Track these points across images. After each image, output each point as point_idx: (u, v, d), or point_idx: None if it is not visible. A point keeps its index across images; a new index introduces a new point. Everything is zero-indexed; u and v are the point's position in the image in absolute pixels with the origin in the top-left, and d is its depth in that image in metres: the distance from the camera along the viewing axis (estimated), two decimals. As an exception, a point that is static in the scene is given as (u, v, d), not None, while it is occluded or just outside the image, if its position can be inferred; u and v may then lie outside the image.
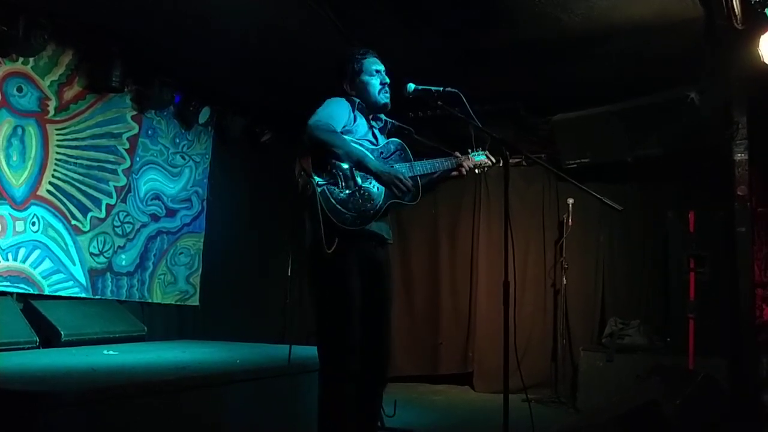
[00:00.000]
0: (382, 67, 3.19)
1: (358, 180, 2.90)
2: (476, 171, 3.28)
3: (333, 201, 2.79)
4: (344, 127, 3.00)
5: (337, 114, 2.97)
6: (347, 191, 2.86)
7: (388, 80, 3.16)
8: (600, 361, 5.32)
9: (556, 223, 6.34)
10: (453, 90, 2.99)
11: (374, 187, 2.94)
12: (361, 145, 3.01)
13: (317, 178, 2.80)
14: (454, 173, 3.23)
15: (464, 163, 3.20)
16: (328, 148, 2.83)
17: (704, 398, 3.48)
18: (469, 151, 3.25)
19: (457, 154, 3.23)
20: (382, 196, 2.96)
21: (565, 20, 4.50)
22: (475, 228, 6.66)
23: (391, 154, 3.12)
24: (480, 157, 3.26)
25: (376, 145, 3.11)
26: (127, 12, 4.65)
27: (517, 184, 6.41)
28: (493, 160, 3.28)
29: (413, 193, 3.07)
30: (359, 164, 2.87)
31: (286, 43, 5.02)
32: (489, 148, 3.31)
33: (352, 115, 3.06)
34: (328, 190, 2.80)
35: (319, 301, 2.95)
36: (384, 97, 3.13)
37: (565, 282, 5.99)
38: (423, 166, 3.12)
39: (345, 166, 2.89)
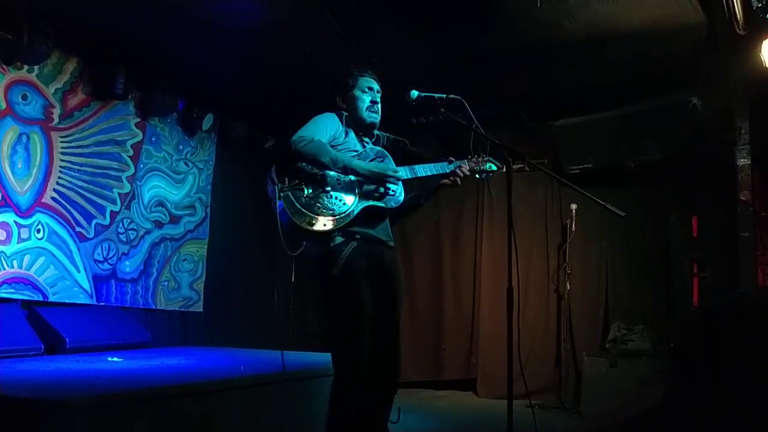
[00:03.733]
0: (376, 86, 3.23)
1: (327, 186, 2.93)
2: (477, 176, 3.23)
3: (297, 205, 2.84)
4: (333, 140, 3.04)
5: (321, 127, 3.02)
6: (311, 195, 2.90)
7: (378, 100, 3.20)
8: (604, 367, 5.32)
9: (559, 228, 6.33)
10: (456, 97, 3.01)
11: (344, 190, 2.97)
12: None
13: (280, 184, 2.86)
14: (447, 181, 3.16)
15: (458, 171, 3.13)
16: (312, 158, 2.88)
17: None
18: (469, 157, 3.21)
19: (452, 159, 3.19)
20: (356, 198, 2.98)
21: (567, 26, 4.51)
22: (478, 233, 6.66)
23: (370, 161, 3.13)
24: (490, 167, 3.22)
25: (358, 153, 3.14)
26: (130, 19, 4.68)
27: (520, 189, 6.40)
28: (498, 165, 3.23)
29: (395, 198, 3.09)
30: (346, 168, 2.92)
31: (289, 49, 5.04)
32: (490, 153, 3.31)
33: (342, 128, 3.11)
34: (293, 195, 2.85)
35: (330, 311, 2.98)
36: (370, 116, 3.17)
37: (568, 287, 5.98)
38: (406, 172, 3.10)
39: (310, 170, 2.93)
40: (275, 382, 3.91)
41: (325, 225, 2.87)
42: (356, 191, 3.00)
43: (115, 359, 4.42)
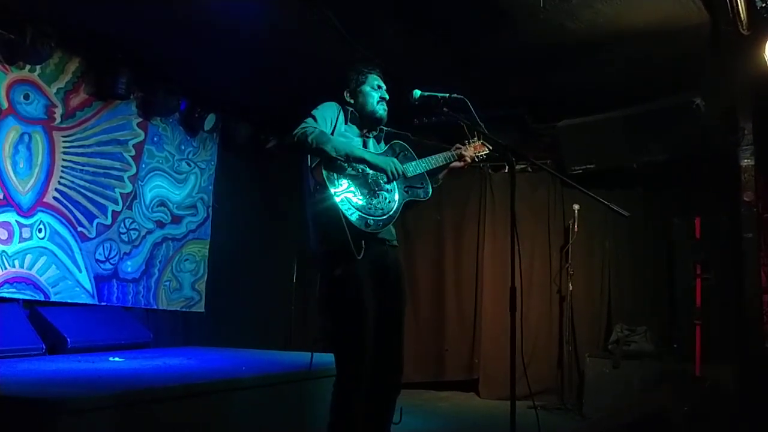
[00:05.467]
0: (384, 85, 3.26)
1: (372, 185, 2.94)
2: (475, 159, 3.34)
3: (353, 208, 2.83)
4: (333, 129, 3.05)
5: (323, 115, 3.04)
6: (364, 196, 2.90)
7: (387, 97, 3.22)
8: (606, 368, 5.31)
9: (561, 229, 6.33)
10: (459, 96, 3.01)
11: (387, 188, 3.00)
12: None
13: (332, 188, 2.82)
14: (458, 164, 3.29)
15: (465, 153, 3.28)
16: (315, 147, 2.87)
17: (711, 405, 3.46)
18: (466, 143, 3.32)
19: (458, 145, 3.31)
20: (397, 195, 3.01)
21: (570, 27, 4.50)
22: (481, 234, 6.65)
23: (396, 156, 3.16)
24: (482, 153, 3.33)
25: (375, 152, 3.14)
26: (132, 20, 4.67)
27: (523, 190, 6.40)
28: (490, 147, 3.35)
29: (425, 189, 3.15)
30: (348, 158, 2.92)
31: (291, 50, 5.04)
32: (495, 153, 3.36)
33: (341, 118, 3.12)
34: (346, 198, 2.84)
35: (332, 310, 2.97)
36: (381, 109, 3.19)
37: (570, 288, 5.97)
38: (428, 163, 3.19)
39: (357, 173, 2.93)
40: (276, 382, 3.91)
41: (379, 224, 2.90)
42: (397, 187, 3.04)
43: (117, 359, 4.42)
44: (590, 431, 3.58)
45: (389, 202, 2.97)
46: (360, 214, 2.85)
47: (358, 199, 2.88)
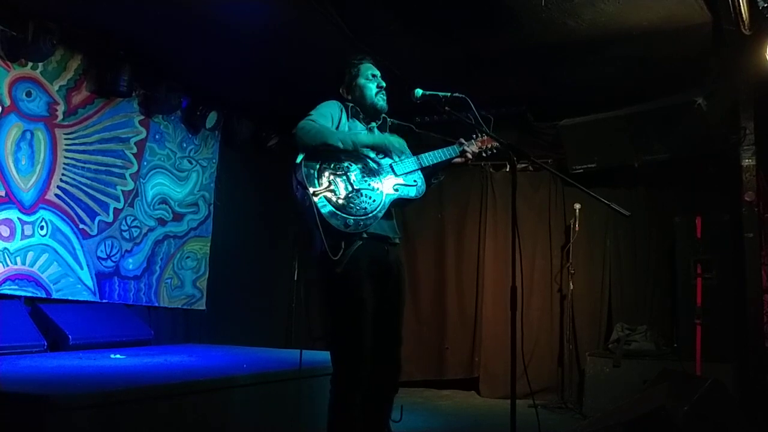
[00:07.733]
0: (378, 72, 3.23)
1: (355, 183, 2.92)
2: (483, 154, 3.28)
3: (332, 207, 2.81)
4: (338, 126, 3.04)
5: (324, 113, 3.03)
6: (344, 195, 2.88)
7: (384, 84, 3.20)
8: (607, 367, 5.31)
9: (562, 228, 6.33)
10: (460, 95, 3.00)
11: (372, 187, 2.97)
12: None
13: (312, 189, 2.81)
14: (460, 159, 3.25)
15: (468, 149, 3.23)
16: (320, 143, 2.87)
17: (712, 404, 3.46)
18: (474, 137, 3.26)
19: (462, 140, 3.26)
20: (383, 194, 2.98)
21: (572, 25, 4.50)
22: (482, 232, 6.65)
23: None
24: (494, 146, 3.26)
25: None
26: (134, 17, 4.68)
27: (524, 188, 6.40)
28: (501, 141, 3.28)
29: (417, 187, 3.11)
30: (355, 146, 2.93)
31: (293, 48, 5.04)
32: (496, 152, 3.33)
33: (344, 116, 3.10)
34: (325, 198, 2.82)
35: (331, 309, 2.96)
36: (380, 100, 3.17)
37: (571, 287, 5.97)
38: (428, 158, 3.15)
39: (339, 172, 2.91)
40: (277, 380, 3.92)
41: (360, 224, 2.86)
42: (382, 184, 3.00)
43: (118, 356, 4.43)
44: (590, 430, 3.58)
45: (373, 201, 2.93)
46: (339, 214, 2.82)
47: (338, 199, 2.84)
